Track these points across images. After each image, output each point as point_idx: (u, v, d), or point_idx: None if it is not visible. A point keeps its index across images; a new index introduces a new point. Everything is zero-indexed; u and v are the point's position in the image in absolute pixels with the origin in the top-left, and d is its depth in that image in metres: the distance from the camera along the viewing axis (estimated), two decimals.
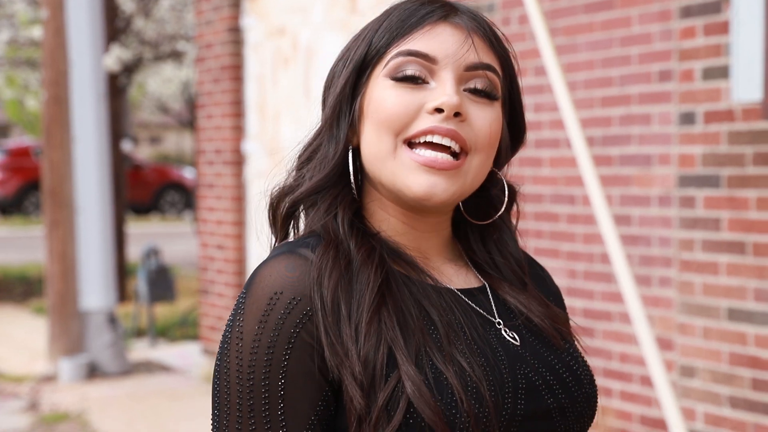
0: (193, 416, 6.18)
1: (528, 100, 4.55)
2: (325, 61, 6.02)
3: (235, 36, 6.77)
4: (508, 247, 1.31)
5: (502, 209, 1.28)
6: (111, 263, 7.50)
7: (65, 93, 7.13)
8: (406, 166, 1.19)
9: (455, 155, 1.19)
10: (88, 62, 7.18)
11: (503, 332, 1.22)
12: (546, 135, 4.46)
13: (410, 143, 1.20)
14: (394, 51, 1.21)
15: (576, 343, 1.29)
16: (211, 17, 6.93)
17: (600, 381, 4.24)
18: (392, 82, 1.20)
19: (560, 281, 4.40)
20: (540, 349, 1.22)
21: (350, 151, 1.23)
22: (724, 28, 3.72)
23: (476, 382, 1.12)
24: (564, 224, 4.40)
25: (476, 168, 1.21)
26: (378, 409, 1.09)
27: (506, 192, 1.28)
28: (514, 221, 1.34)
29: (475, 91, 1.21)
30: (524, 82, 4.72)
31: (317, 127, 1.26)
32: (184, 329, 8.74)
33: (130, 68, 11.01)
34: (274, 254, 1.18)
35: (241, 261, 6.79)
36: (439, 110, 1.18)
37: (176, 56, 12.33)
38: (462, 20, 1.23)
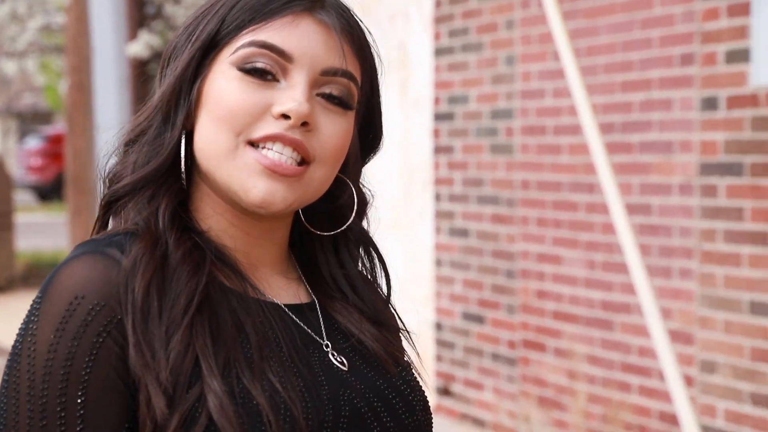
0: None
1: (548, 86, 4.42)
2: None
3: None
4: (354, 261, 1.21)
5: (349, 221, 1.17)
6: None
7: (88, 80, 7.11)
8: (247, 167, 1.08)
9: (298, 163, 1.09)
10: (110, 48, 7.15)
11: (330, 356, 1.11)
12: (565, 121, 4.33)
13: (251, 143, 1.09)
14: (246, 38, 1.09)
15: (412, 368, 1.19)
16: None
17: (618, 375, 4.11)
18: (239, 73, 1.08)
19: (579, 272, 4.27)
20: (369, 373, 1.13)
21: (183, 136, 1.11)
22: (747, 9, 3.56)
23: (288, 403, 1.02)
24: (583, 213, 4.27)
25: (319, 180, 1.11)
26: (177, 421, 0.98)
27: (356, 202, 1.18)
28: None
29: (329, 98, 1.10)
30: (545, 66, 4.60)
31: (151, 104, 1.13)
32: None
33: (160, 54, 10.97)
34: (76, 253, 1.04)
35: None
36: (285, 116, 1.07)
37: None
38: (329, 17, 1.11)
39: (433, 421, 1.17)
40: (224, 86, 1.09)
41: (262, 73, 1.08)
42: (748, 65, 3.56)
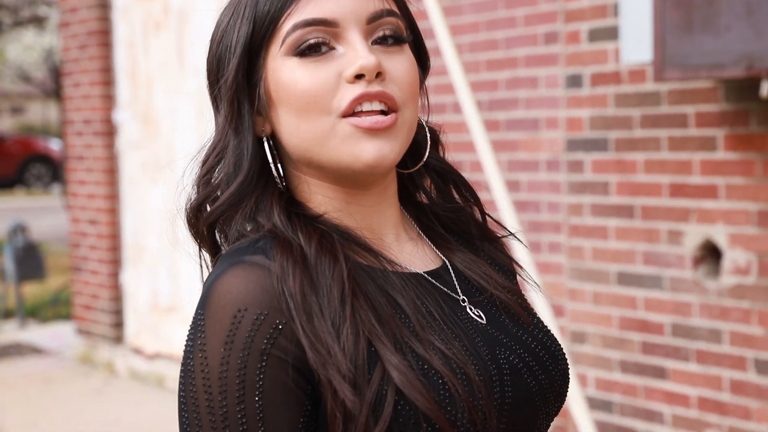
0: (68, 401, 5.90)
1: None
2: (199, 25, 5.77)
3: None
4: (447, 193, 1.25)
5: (427, 151, 1.21)
6: None
7: None
8: (349, 136, 1.10)
9: (386, 113, 1.12)
10: None
11: (468, 310, 1.14)
12: (431, 100, 4.34)
13: (344, 116, 1.11)
14: (288, 24, 1.10)
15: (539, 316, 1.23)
16: None
17: None
18: (297, 59, 1.10)
19: None
20: (510, 327, 1.15)
21: (264, 140, 1.13)
22: None
23: (461, 365, 1.05)
24: None
25: (409, 120, 1.13)
26: (366, 406, 1.01)
27: (427, 134, 1.21)
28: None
29: (384, 40, 1.13)
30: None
31: (219, 127, 1.14)
32: (55, 309, 8.38)
33: None
34: (225, 267, 1.06)
35: (115, 236, 6.51)
36: (359, 76, 1.10)
37: (37, 22, 11.77)
38: None
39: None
40: (290, 77, 1.10)
41: (317, 48, 1.10)
42: (610, 43, 3.67)
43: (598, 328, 3.80)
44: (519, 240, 1.27)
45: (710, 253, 3.47)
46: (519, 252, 3.08)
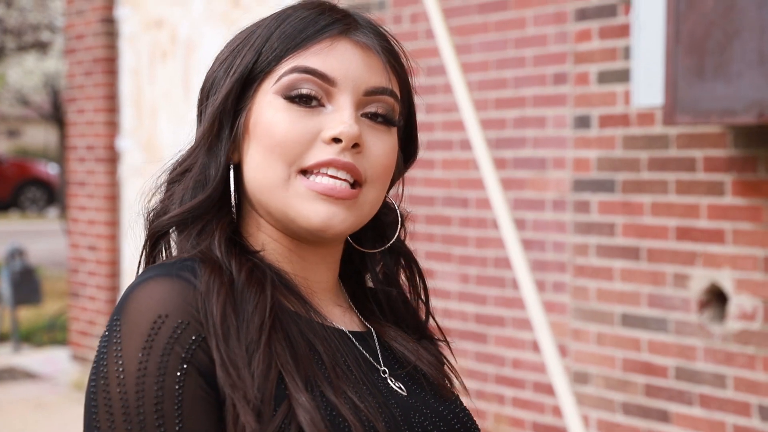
0: (61, 427, 5.86)
1: (420, 101, 4.45)
2: (205, 55, 5.79)
3: (109, 27, 6.47)
4: (397, 277, 1.23)
5: (395, 236, 1.20)
6: None
7: None
8: (301, 196, 1.08)
9: (351, 184, 1.10)
10: None
11: (389, 381, 1.13)
12: (438, 137, 4.37)
13: (304, 171, 1.10)
14: (287, 66, 1.09)
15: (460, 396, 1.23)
16: (82, 6, 6.60)
17: (492, 387, 4.17)
18: (284, 101, 1.09)
19: (452, 285, 4.32)
20: (429, 399, 1.15)
21: (231, 168, 1.12)
22: (619, 31, 3.70)
23: (371, 419, 1.03)
24: (456, 228, 4.32)
25: (372, 200, 1.12)
26: None
27: (400, 218, 1.20)
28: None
29: (374, 116, 1.12)
30: (416, 82, 4.61)
31: (193, 141, 1.14)
32: (51, 334, 8.33)
33: None
34: (150, 275, 1.04)
35: (114, 263, 6.49)
36: (336, 140, 1.08)
37: (40, 47, 11.82)
38: (365, 37, 1.12)
39: None
40: (272, 117, 1.09)
41: (307, 100, 1.08)
42: (619, 85, 3.70)
43: (601, 369, 3.79)
44: (449, 348, 1.26)
45: (716, 298, 3.47)
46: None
